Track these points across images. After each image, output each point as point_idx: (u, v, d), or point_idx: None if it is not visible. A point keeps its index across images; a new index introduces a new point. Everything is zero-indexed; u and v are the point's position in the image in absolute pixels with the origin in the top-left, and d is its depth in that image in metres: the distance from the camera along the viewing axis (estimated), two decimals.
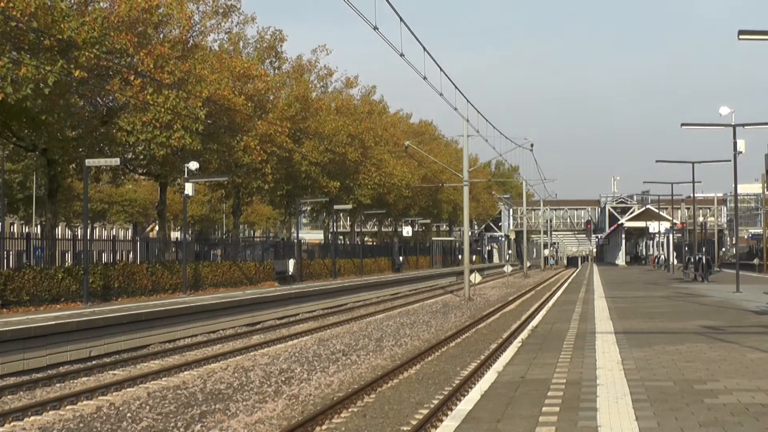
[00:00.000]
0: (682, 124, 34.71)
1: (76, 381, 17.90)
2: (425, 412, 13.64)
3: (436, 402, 14.45)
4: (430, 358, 20.88)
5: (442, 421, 10.87)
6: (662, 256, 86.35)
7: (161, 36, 32.39)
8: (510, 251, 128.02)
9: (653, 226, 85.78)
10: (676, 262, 72.17)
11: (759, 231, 78.03)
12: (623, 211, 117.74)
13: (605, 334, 17.66)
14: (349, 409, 14.25)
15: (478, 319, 31.59)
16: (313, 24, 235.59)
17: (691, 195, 56.55)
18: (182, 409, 14.46)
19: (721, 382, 11.22)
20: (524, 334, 18.59)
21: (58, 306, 26.11)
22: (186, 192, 34.02)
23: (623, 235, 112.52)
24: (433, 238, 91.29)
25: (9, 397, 15.98)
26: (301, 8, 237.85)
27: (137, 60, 29.61)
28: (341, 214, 78.03)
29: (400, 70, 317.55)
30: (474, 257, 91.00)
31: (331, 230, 59.92)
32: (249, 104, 37.52)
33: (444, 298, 47.17)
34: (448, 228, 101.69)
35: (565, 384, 11.30)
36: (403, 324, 30.01)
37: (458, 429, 8.77)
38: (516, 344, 16.57)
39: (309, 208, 66.51)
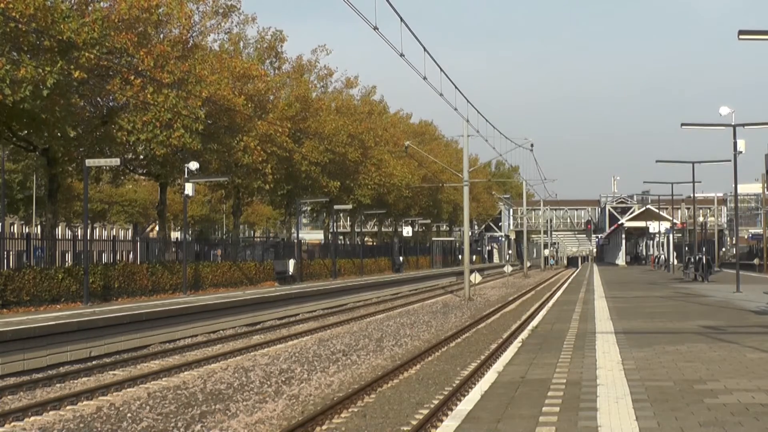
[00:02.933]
0: (683, 124, 34.64)
1: (76, 381, 17.90)
2: (425, 412, 13.64)
3: (436, 402, 14.45)
4: (430, 358, 20.88)
5: (442, 421, 10.87)
6: (662, 256, 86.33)
7: (161, 36, 32.41)
8: (510, 251, 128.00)
9: (653, 226, 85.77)
10: (676, 262, 72.16)
11: (759, 231, 78.04)
12: (623, 211, 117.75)
13: (605, 334, 17.66)
14: (349, 409, 14.26)
15: (478, 319, 31.59)
16: (313, 24, 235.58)
17: (692, 195, 56.52)
18: (182, 409, 14.46)
19: (721, 382, 11.22)
20: (524, 334, 18.59)
21: (58, 306, 26.12)
22: (186, 192, 34.02)
23: (623, 235, 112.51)
24: (433, 238, 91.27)
25: (9, 397, 15.99)
26: (301, 8, 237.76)
27: (137, 59, 29.61)
28: (341, 214, 78.02)
29: (400, 70, 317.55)
30: (474, 257, 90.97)
31: (331, 230, 59.93)
32: (249, 104, 37.51)
33: (444, 298, 47.17)
34: (448, 228, 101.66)
35: (565, 384, 11.30)
36: (404, 324, 30.01)
37: (458, 429, 8.78)
38: (516, 344, 16.58)
39: (309, 209, 66.50)
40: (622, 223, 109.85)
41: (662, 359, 13.50)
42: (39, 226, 57.83)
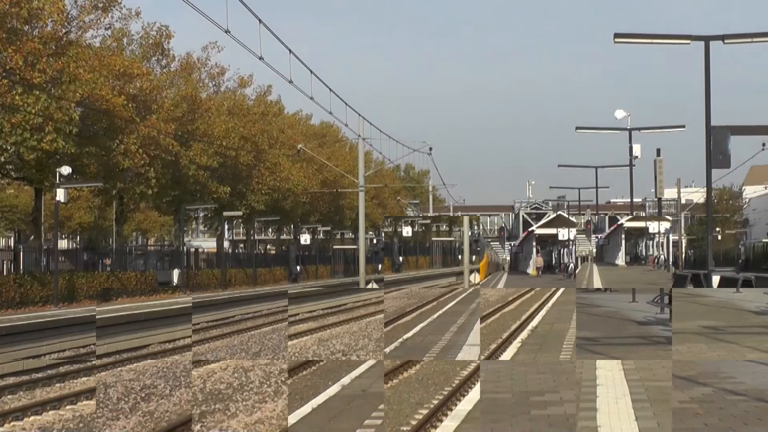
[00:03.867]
0: (577, 128, 34.52)
1: (76, 381, 17.91)
2: (425, 412, 13.62)
3: (436, 402, 14.42)
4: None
5: (442, 421, 10.87)
6: (662, 257, 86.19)
7: (34, 32, 30.26)
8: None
9: (653, 226, 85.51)
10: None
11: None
12: (538, 216, 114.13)
13: None
14: None
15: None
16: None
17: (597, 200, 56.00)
18: None
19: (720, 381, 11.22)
20: (524, 335, 18.58)
21: None
22: (58, 198, 31.85)
23: (623, 236, 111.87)
24: (433, 239, 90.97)
25: (9, 397, 16.00)
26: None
27: (5, 57, 27.82)
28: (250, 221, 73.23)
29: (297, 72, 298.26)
30: (474, 257, 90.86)
31: (227, 238, 56.98)
32: (131, 105, 35.07)
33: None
34: (447, 228, 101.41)
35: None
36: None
37: (458, 429, 8.78)
38: (516, 344, 16.57)
39: (203, 215, 62.47)
40: (533, 231, 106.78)
41: (662, 359, 13.49)
42: None
